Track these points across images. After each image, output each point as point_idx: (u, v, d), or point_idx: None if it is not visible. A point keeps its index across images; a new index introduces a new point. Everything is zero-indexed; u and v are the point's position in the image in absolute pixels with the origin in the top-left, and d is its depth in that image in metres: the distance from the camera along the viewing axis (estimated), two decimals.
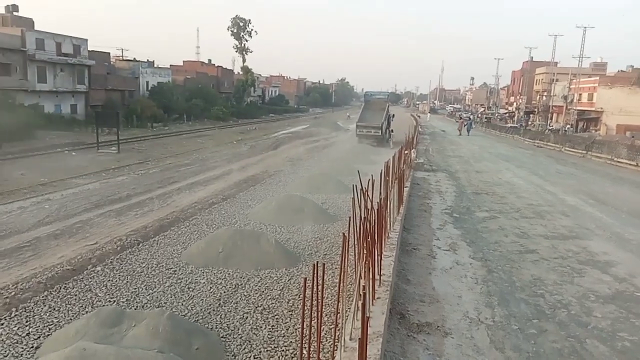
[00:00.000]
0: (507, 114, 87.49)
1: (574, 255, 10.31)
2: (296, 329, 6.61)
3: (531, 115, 74.86)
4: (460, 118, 61.25)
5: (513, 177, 22.19)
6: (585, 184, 20.93)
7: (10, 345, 6.07)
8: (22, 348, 6.01)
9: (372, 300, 5.80)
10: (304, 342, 3.97)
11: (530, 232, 12.10)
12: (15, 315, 6.86)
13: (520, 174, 23.21)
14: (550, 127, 60.81)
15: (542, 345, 6.26)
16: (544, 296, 7.95)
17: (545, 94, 68.85)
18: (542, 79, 72.59)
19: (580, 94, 59.30)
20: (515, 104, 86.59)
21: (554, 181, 21.30)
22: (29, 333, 6.37)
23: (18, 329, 6.47)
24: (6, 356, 5.83)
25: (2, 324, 6.58)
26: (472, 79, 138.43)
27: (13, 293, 7.49)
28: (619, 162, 28.67)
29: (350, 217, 5.42)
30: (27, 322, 6.67)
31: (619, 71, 67.65)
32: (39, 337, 6.27)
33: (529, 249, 10.64)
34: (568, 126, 58.35)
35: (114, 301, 7.39)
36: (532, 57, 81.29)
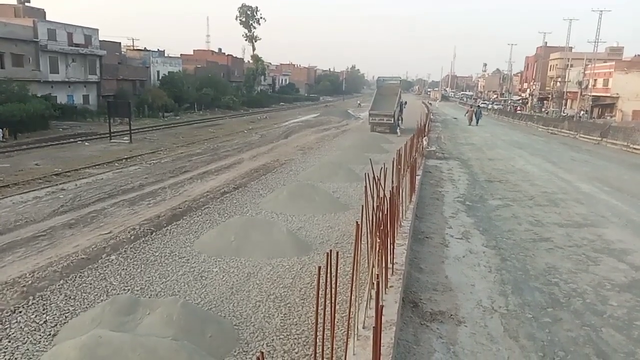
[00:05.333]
0: (521, 101, 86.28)
1: (589, 243, 10.19)
2: (308, 317, 6.63)
3: (545, 101, 73.76)
4: (471, 107, 58.92)
5: (526, 164, 21.93)
6: (600, 171, 20.61)
7: (28, 332, 6.17)
8: (40, 335, 6.11)
9: (385, 289, 5.78)
10: (317, 330, 3.97)
11: (544, 220, 11.97)
12: (33, 303, 6.96)
13: (534, 162, 22.93)
14: (564, 114, 59.81)
15: (557, 334, 6.21)
16: (559, 284, 7.87)
17: (559, 79, 67.69)
18: (557, 65, 71.36)
19: (595, 80, 58.20)
20: (528, 90, 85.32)
21: (568, 168, 21.02)
22: (46, 321, 6.47)
23: (35, 316, 6.58)
24: (24, 343, 5.94)
25: (20, 312, 6.69)
26: (485, 65, 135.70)
27: (30, 282, 7.60)
28: (635, 148, 28.16)
29: (362, 206, 5.38)
30: (44, 310, 6.77)
31: (635, 56, 66.18)
32: (56, 325, 6.36)
33: (543, 237, 10.53)
34: (582, 112, 57.37)
35: (129, 290, 7.47)
36: (546, 42, 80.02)
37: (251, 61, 75.95)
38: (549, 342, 6.03)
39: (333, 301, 4.08)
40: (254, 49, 72.90)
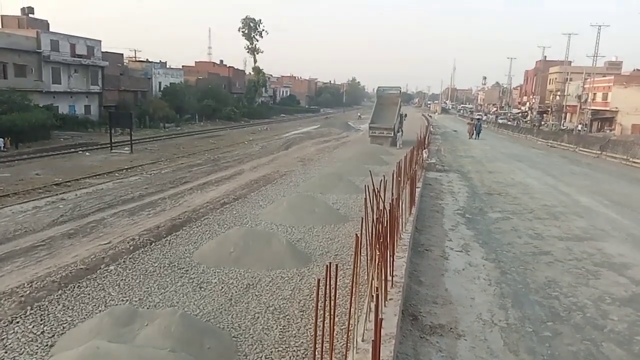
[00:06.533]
0: (520, 114, 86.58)
1: (589, 257, 10.16)
2: (307, 329, 6.59)
3: (544, 115, 74.05)
4: (471, 120, 58.16)
5: (526, 177, 21.95)
6: (600, 184, 20.63)
7: (25, 343, 6.13)
8: (37, 346, 6.07)
9: (385, 302, 5.76)
10: (316, 342, 3.95)
11: (544, 234, 11.95)
12: (30, 313, 6.93)
13: (534, 175, 22.95)
14: (564, 127, 59.98)
15: (557, 348, 6.17)
16: (559, 298, 7.84)
17: (558, 93, 68.05)
18: (556, 79, 71.78)
19: (594, 94, 58.51)
20: (528, 103, 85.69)
21: (568, 182, 21.03)
22: (43, 331, 6.43)
23: (33, 327, 6.54)
24: (21, 354, 5.89)
25: (18, 322, 6.65)
26: (485, 78, 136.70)
27: (28, 292, 7.57)
28: (634, 162, 28.21)
29: (362, 218, 5.39)
30: (41, 320, 6.73)
31: (634, 70, 66.61)
32: (54, 336, 6.32)
33: (543, 251, 10.51)
34: (581, 126, 57.54)
35: (127, 300, 7.44)
36: (545, 56, 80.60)
37: (252, 73, 76.43)
38: (549, 356, 5.99)
39: (332, 314, 4.07)
40: (255, 61, 73.49)
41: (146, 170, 22.08)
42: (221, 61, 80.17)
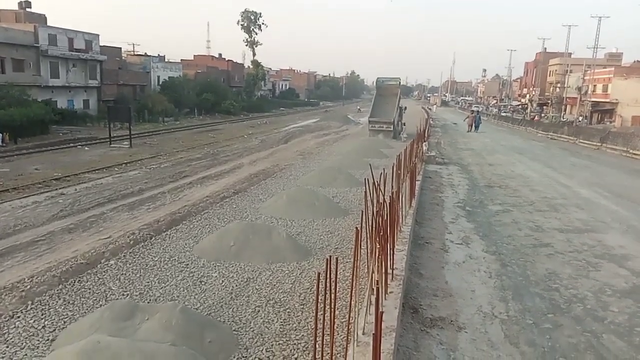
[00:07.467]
0: (520, 106, 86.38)
1: (589, 248, 10.16)
2: (307, 323, 6.60)
3: (544, 107, 73.90)
4: (472, 112, 57.48)
5: (526, 169, 21.93)
6: (600, 176, 20.61)
7: (26, 337, 6.14)
8: (38, 340, 6.08)
9: (385, 295, 5.76)
10: (317, 335, 3.95)
11: (544, 226, 11.95)
12: (31, 308, 6.93)
13: (534, 167, 22.93)
14: (564, 119, 59.84)
15: (558, 340, 6.18)
16: (559, 290, 7.85)
17: (558, 85, 67.89)
18: (556, 70, 71.62)
19: (594, 85, 58.38)
20: (528, 95, 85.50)
21: (568, 174, 21.01)
22: (44, 326, 6.43)
23: (34, 321, 6.54)
24: (23, 348, 5.90)
25: (19, 317, 6.65)
26: (484, 70, 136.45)
27: (29, 286, 7.57)
28: (634, 154, 28.18)
29: (362, 211, 5.37)
30: (42, 315, 6.74)
31: (634, 61, 66.43)
32: (54, 330, 6.33)
33: (543, 243, 10.51)
34: (581, 118, 57.42)
35: (127, 294, 7.44)
36: (545, 48, 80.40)
37: (251, 66, 76.20)
38: (549, 348, 6.00)
39: (333, 307, 4.06)
40: (254, 54, 73.21)
41: (145, 165, 22.04)
42: (220, 55, 79.97)
